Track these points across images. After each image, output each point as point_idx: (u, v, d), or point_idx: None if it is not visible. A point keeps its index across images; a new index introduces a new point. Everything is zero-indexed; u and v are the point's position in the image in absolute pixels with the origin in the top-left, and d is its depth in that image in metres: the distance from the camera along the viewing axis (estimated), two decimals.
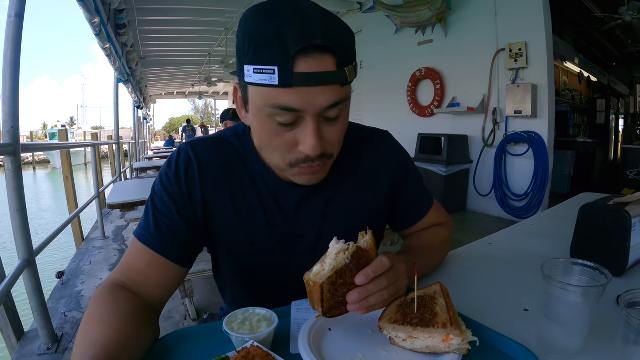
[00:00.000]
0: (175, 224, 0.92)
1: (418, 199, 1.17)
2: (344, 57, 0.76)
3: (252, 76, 0.75)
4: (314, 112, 0.77)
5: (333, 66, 0.75)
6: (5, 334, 2.37)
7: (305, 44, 0.71)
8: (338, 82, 0.77)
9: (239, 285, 1.11)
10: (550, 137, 5.34)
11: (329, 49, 0.74)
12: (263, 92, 0.76)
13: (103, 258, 4.37)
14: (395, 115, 7.73)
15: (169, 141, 20.38)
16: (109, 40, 5.09)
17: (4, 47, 2.13)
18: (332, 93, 0.77)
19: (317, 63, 0.73)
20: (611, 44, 9.97)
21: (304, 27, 0.72)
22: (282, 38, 0.71)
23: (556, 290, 0.71)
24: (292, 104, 0.75)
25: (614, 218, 1.06)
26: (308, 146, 0.79)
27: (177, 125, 55.38)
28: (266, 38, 0.73)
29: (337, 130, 0.84)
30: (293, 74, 0.72)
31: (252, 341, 0.69)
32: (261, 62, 0.73)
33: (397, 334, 0.74)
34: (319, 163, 0.85)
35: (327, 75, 0.74)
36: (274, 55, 0.72)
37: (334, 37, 0.74)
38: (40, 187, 19.34)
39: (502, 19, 5.64)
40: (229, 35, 9.51)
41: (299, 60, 0.72)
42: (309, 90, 0.74)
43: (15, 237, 2.24)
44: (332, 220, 1.02)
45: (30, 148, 3.14)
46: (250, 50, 0.74)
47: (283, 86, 0.73)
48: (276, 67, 0.72)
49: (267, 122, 0.80)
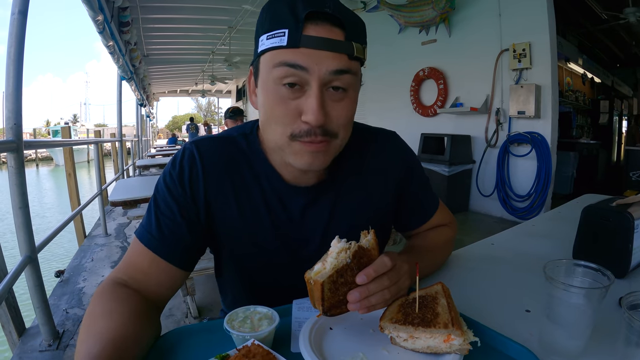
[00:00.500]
0: (178, 226, 0.91)
1: (424, 200, 1.17)
2: (352, 32, 0.80)
3: (265, 43, 0.79)
4: (319, 76, 0.78)
5: (341, 37, 0.78)
6: (7, 330, 2.38)
7: (315, 9, 0.75)
8: (345, 52, 0.78)
9: (240, 285, 1.10)
10: (554, 138, 5.33)
11: (338, 20, 0.77)
12: (272, 54, 0.79)
13: (105, 255, 4.38)
14: (398, 115, 7.73)
15: (172, 139, 20.43)
16: (112, 38, 5.09)
17: (7, 44, 2.14)
18: (339, 60, 0.78)
19: (326, 31, 0.77)
20: (615, 45, 9.94)
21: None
22: (294, 4, 0.77)
23: (558, 292, 0.71)
24: (298, 60, 0.77)
25: (617, 220, 1.06)
26: (311, 113, 0.78)
27: (180, 123, 55.55)
28: (281, 7, 0.78)
29: (342, 108, 0.83)
30: (301, 36, 0.76)
31: (253, 339, 0.69)
32: (273, 27, 0.78)
33: (398, 333, 0.74)
34: (321, 139, 0.82)
35: (334, 42, 0.77)
36: (285, 19, 0.76)
37: (344, 12, 0.79)
38: (43, 184, 19.39)
39: (506, 19, 5.63)
40: (232, 33, 9.51)
41: (308, 26, 0.76)
42: (316, 53, 0.77)
43: (18, 234, 2.24)
44: (338, 221, 1.01)
45: (33, 145, 3.15)
46: (266, 22, 0.80)
47: (291, 46, 0.76)
48: (286, 29, 0.76)
49: (273, 89, 0.81)
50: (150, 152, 14.78)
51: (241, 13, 8.18)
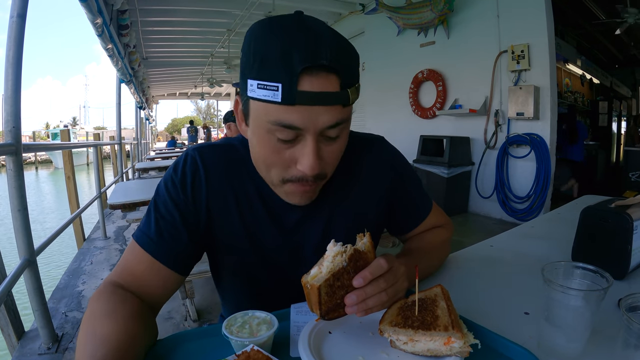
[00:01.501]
0: (178, 231, 0.91)
1: (417, 203, 1.16)
2: (348, 78, 0.76)
3: (255, 91, 0.74)
4: (315, 131, 0.77)
5: (337, 87, 0.75)
6: (6, 333, 2.37)
7: (310, 63, 0.71)
8: (340, 103, 0.76)
9: (239, 291, 1.11)
10: (552, 139, 5.33)
11: (334, 69, 0.73)
12: (265, 108, 0.76)
13: (104, 258, 4.37)
14: (397, 117, 7.74)
15: (171, 142, 20.43)
16: (111, 41, 5.10)
17: (6, 47, 2.14)
18: (334, 113, 0.77)
19: (321, 83, 0.73)
20: (613, 46, 9.96)
21: (310, 46, 0.72)
22: (289, 55, 0.71)
23: (557, 294, 0.71)
24: (294, 121, 0.75)
25: (616, 221, 1.05)
26: (306, 165, 0.79)
27: (180, 126, 55.52)
28: (272, 54, 0.72)
29: (335, 150, 0.84)
30: (296, 92, 0.71)
31: (252, 345, 0.68)
32: (265, 77, 0.73)
33: (398, 336, 0.73)
34: (312, 183, 0.85)
35: (330, 95, 0.74)
36: (278, 72, 0.71)
37: (340, 58, 0.74)
38: (42, 187, 19.38)
39: (504, 20, 5.64)
40: (231, 36, 9.53)
41: (303, 79, 0.71)
42: (311, 109, 0.74)
43: (17, 237, 2.24)
44: (334, 227, 1.02)
45: (32, 148, 3.14)
46: (255, 65, 0.74)
47: (285, 104, 0.72)
48: (280, 84, 0.71)
49: (267, 138, 0.79)
50: (150, 155, 14.79)
51: (240, 16, 8.19)
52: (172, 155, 11.37)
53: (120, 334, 0.71)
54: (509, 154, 5.79)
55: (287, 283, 0.97)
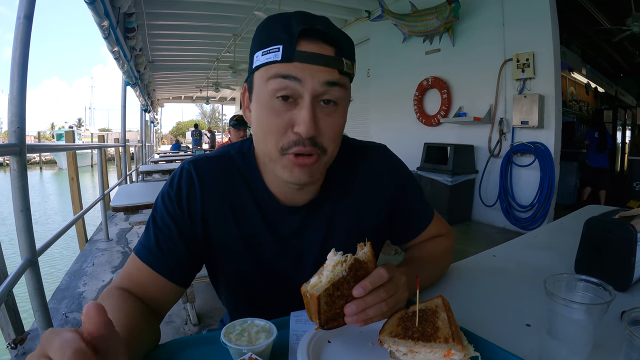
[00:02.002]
0: (176, 244, 0.93)
1: (418, 213, 1.17)
2: (342, 50, 0.83)
3: (260, 58, 0.83)
4: (312, 87, 0.80)
5: (332, 53, 0.82)
6: (6, 332, 2.38)
7: (307, 26, 0.80)
8: (336, 67, 0.82)
9: (238, 300, 1.12)
10: (557, 148, 5.32)
11: (329, 38, 0.81)
12: (267, 69, 0.82)
13: (106, 260, 4.38)
14: (401, 124, 7.75)
15: (176, 145, 20.53)
16: (117, 44, 5.12)
17: (12, 48, 2.14)
18: (330, 73, 0.82)
19: (318, 47, 0.81)
20: (619, 55, 9.95)
21: (309, 17, 0.83)
22: (288, 22, 0.81)
23: (559, 307, 0.70)
24: (292, 72, 0.80)
25: (619, 232, 1.05)
26: (303, 124, 0.80)
27: (184, 129, 55.64)
28: (275, 25, 0.83)
29: (332, 123, 0.86)
30: (295, 51, 0.79)
31: (250, 353, 0.68)
32: (267, 43, 0.82)
33: (398, 347, 0.73)
34: (310, 150, 0.84)
35: (325, 57, 0.81)
36: (279, 36, 0.80)
37: (333, 30, 0.83)
38: (46, 187, 19.44)
39: (509, 29, 5.64)
40: (237, 41, 9.57)
41: (301, 42, 0.80)
42: (309, 67, 0.80)
43: (19, 237, 2.24)
44: (333, 237, 1.03)
45: (36, 149, 3.14)
46: (260, 39, 0.84)
47: (285, 61, 0.80)
48: (281, 45, 0.80)
49: (267, 101, 0.83)
50: (154, 157, 14.81)
51: (246, 21, 8.22)
52: (176, 159, 11.40)
53: (128, 321, 0.74)
54: (513, 162, 5.78)
55: (286, 291, 0.98)
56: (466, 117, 6.25)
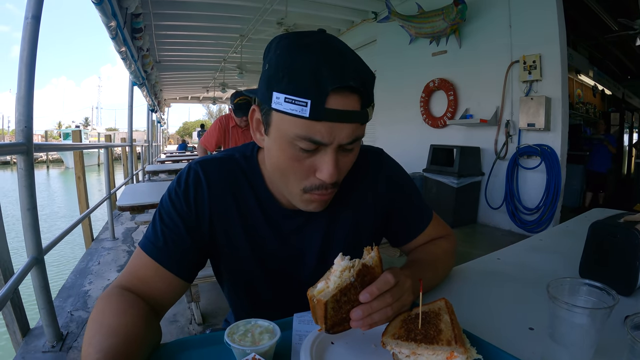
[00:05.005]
0: (182, 240, 0.94)
1: (415, 215, 1.18)
2: (367, 98, 0.81)
3: (282, 104, 0.77)
4: (337, 144, 0.81)
5: (358, 106, 0.80)
6: (11, 329, 2.39)
7: (340, 84, 0.75)
8: (360, 121, 0.82)
9: (242, 299, 1.14)
10: (563, 150, 5.29)
11: (358, 90, 0.78)
12: (291, 121, 0.79)
13: (112, 259, 4.40)
14: (407, 126, 7.73)
15: (182, 145, 20.58)
16: (124, 44, 5.14)
17: (20, 48, 2.16)
18: (354, 129, 0.81)
19: (346, 102, 0.78)
20: (626, 57, 9.89)
21: (340, 67, 0.77)
22: (319, 74, 0.75)
23: (562, 311, 0.70)
24: (319, 137, 0.79)
25: (625, 236, 1.04)
26: (326, 174, 0.83)
27: (191, 129, 55.85)
28: (302, 71, 0.76)
29: (349, 160, 0.89)
30: (324, 110, 0.76)
31: (254, 353, 0.68)
32: (294, 92, 0.76)
33: (401, 349, 0.73)
34: (330, 190, 0.89)
35: (353, 114, 0.79)
36: (308, 89, 0.75)
37: (363, 80, 0.79)
38: (53, 187, 19.54)
39: (516, 30, 5.62)
40: (244, 42, 9.58)
41: (331, 97, 0.76)
42: (335, 126, 0.78)
43: (25, 235, 2.26)
44: (333, 238, 1.05)
45: (43, 148, 3.17)
46: (284, 79, 0.77)
47: (313, 119, 0.76)
48: (309, 100, 0.75)
49: (289, 148, 0.83)
50: (160, 157, 14.85)
51: (253, 22, 8.23)
52: (183, 159, 11.42)
53: (128, 328, 0.74)
54: (519, 165, 5.76)
55: (289, 291, 1.00)
56: (472, 119, 6.22)
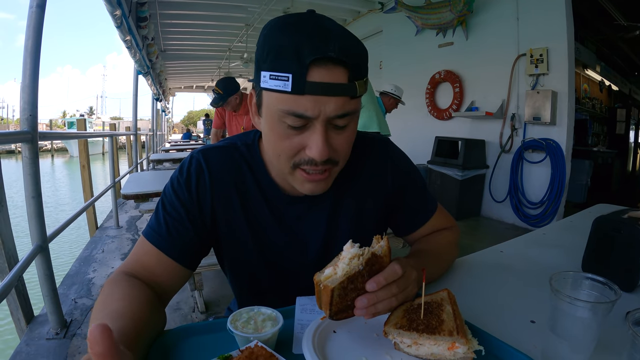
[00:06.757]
0: (185, 228, 0.95)
1: (420, 205, 1.18)
2: (355, 71, 0.80)
3: (268, 82, 0.78)
4: (323, 119, 0.80)
5: (344, 79, 0.78)
6: (15, 317, 2.41)
7: (320, 55, 0.75)
8: (348, 95, 0.80)
9: (244, 286, 1.15)
10: (569, 145, 5.26)
11: (342, 62, 0.77)
12: (276, 97, 0.80)
13: (116, 247, 4.42)
14: (413, 118, 7.69)
15: (187, 134, 20.60)
16: (129, 33, 5.13)
17: (25, 37, 2.16)
18: (342, 104, 0.80)
19: (330, 74, 0.77)
20: (634, 53, 9.80)
21: (320, 39, 0.76)
22: (299, 48, 0.75)
23: (563, 304, 0.70)
24: (303, 110, 0.78)
25: (628, 232, 1.04)
26: (315, 151, 0.82)
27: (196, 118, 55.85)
28: (285, 47, 0.76)
29: (344, 139, 0.87)
30: (305, 82, 0.76)
31: (256, 341, 0.69)
32: (277, 69, 0.77)
33: (402, 339, 0.74)
34: (324, 168, 0.87)
35: (337, 86, 0.78)
36: (289, 63, 0.76)
37: (348, 52, 0.78)
38: (57, 175, 19.60)
39: (523, 24, 5.57)
40: (249, 31, 9.54)
41: (312, 70, 0.76)
42: (320, 99, 0.78)
43: (30, 223, 2.28)
44: (336, 226, 1.05)
45: (48, 136, 3.17)
46: (268, 58, 0.78)
47: (295, 93, 0.77)
48: (290, 74, 0.76)
49: (278, 125, 0.83)
50: (165, 146, 14.89)
51: (259, 11, 8.19)
52: (187, 148, 11.44)
53: (135, 312, 0.75)
54: (524, 158, 5.73)
55: (291, 278, 0.99)
56: (478, 111, 6.18)
